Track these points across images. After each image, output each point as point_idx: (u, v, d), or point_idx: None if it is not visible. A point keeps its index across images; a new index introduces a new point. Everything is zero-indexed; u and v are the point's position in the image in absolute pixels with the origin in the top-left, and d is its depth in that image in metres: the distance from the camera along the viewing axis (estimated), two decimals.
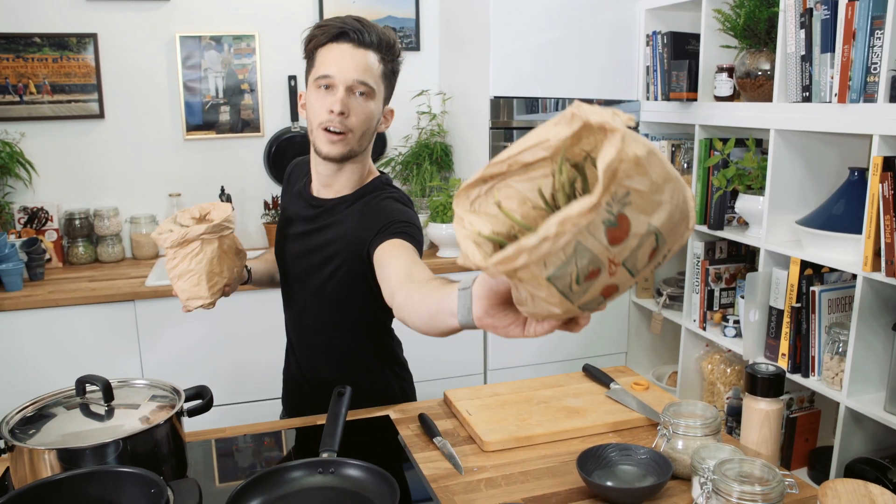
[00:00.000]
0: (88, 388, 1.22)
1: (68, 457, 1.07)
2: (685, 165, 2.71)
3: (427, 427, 1.38)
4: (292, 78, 2.99)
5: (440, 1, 3.12)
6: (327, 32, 1.35)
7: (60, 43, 2.75)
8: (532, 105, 2.75)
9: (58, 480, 1.01)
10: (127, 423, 1.15)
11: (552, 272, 0.64)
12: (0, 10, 2.67)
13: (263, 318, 2.50)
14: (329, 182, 1.46)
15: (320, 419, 1.44)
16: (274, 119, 3.02)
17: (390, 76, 1.41)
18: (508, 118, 2.72)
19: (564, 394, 1.51)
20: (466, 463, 1.25)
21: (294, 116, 3.02)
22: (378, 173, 1.51)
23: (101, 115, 2.82)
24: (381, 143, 3.13)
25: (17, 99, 2.73)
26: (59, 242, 2.76)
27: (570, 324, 0.74)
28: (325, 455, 1.18)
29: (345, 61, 1.33)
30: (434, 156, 3.05)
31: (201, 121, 2.94)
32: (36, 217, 2.72)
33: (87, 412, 1.19)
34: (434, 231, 2.72)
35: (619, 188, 0.61)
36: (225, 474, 1.27)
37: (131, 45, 2.82)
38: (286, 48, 2.99)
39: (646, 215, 0.64)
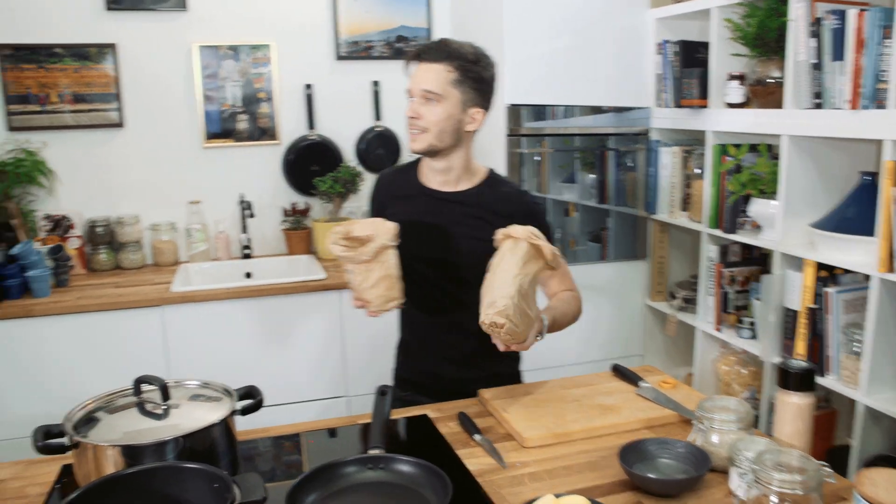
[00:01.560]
0: (144, 387, 1.27)
1: (131, 453, 1.11)
2: (697, 170, 2.77)
3: (466, 425, 1.42)
4: (308, 86, 3.04)
5: (451, 10, 3.18)
6: (410, 54, 1.65)
7: (81, 53, 2.79)
8: (540, 112, 2.80)
9: (125, 476, 1.05)
10: (183, 421, 1.19)
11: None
12: (22, 22, 2.72)
13: (288, 324, 2.55)
14: (444, 176, 1.69)
15: (359, 419, 1.49)
16: (290, 127, 3.07)
17: (467, 81, 1.60)
18: (517, 125, 2.77)
19: (596, 392, 1.56)
20: (508, 458, 1.30)
21: (311, 124, 3.06)
22: (487, 168, 1.76)
23: (120, 124, 2.87)
24: (395, 150, 3.18)
25: (40, 108, 2.78)
26: (83, 249, 2.80)
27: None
28: (374, 451, 1.23)
29: (416, 76, 1.62)
30: None
31: (219, 129, 2.98)
32: (59, 225, 2.75)
33: (145, 411, 1.23)
34: None
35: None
36: (273, 472, 1.31)
37: (150, 55, 2.87)
38: (302, 57, 3.04)
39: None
